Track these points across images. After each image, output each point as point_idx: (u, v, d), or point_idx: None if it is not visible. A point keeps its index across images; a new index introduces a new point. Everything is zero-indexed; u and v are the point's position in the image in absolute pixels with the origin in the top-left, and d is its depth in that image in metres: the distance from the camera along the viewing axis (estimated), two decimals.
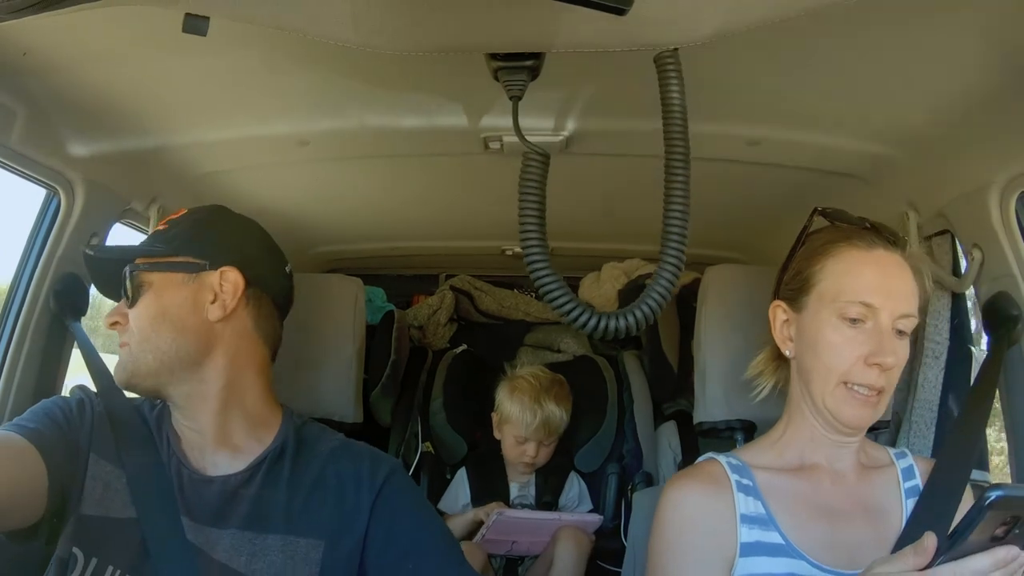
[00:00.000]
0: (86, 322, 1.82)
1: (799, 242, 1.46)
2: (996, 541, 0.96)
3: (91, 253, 1.47)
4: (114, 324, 1.37)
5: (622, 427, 2.70)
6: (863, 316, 1.30)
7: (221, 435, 1.37)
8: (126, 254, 1.41)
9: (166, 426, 1.39)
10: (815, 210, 1.47)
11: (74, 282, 1.81)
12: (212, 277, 1.40)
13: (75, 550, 1.24)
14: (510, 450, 2.57)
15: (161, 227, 1.44)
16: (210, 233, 1.45)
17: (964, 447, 1.47)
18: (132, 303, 1.36)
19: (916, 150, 1.73)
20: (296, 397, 1.49)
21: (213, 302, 1.38)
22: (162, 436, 1.38)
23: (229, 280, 1.40)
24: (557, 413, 2.53)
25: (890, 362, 1.28)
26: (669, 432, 2.49)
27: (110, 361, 1.62)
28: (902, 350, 1.31)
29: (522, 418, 2.50)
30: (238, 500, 1.32)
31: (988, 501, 0.90)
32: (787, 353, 1.42)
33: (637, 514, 1.64)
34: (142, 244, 1.44)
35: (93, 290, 1.89)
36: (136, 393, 1.38)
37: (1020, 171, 1.57)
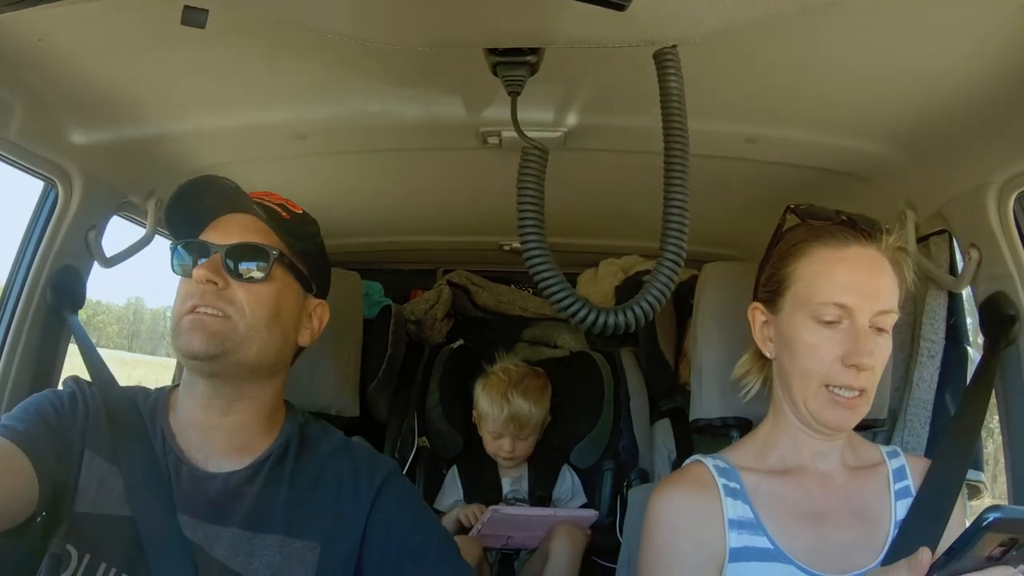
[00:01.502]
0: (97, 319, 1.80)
1: (773, 242, 1.46)
2: (992, 561, 0.95)
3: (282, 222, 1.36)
4: (210, 281, 1.27)
5: (618, 423, 2.70)
6: (838, 317, 1.29)
7: (234, 437, 1.34)
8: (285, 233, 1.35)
9: (160, 418, 1.35)
10: (787, 208, 1.46)
11: (71, 275, 1.81)
12: (313, 304, 1.43)
13: (68, 547, 1.22)
14: (488, 445, 2.58)
15: (285, 216, 1.38)
16: (326, 264, 1.48)
17: (959, 450, 1.47)
18: (249, 281, 1.30)
19: (914, 149, 1.73)
20: (293, 390, 1.49)
21: (305, 328, 1.42)
22: (156, 429, 1.34)
23: (321, 316, 1.45)
24: (525, 407, 2.53)
25: (867, 362, 1.27)
26: (663, 430, 2.49)
27: (106, 356, 1.61)
28: (881, 349, 1.30)
29: (490, 412, 2.52)
30: (240, 498, 1.30)
31: (986, 523, 0.90)
32: (767, 354, 1.41)
33: (632, 510, 1.65)
34: (284, 231, 1.35)
35: (89, 284, 1.89)
36: (208, 363, 1.27)
37: (1018, 171, 1.57)
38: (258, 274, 1.31)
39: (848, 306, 1.28)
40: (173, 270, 1.34)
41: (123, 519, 1.25)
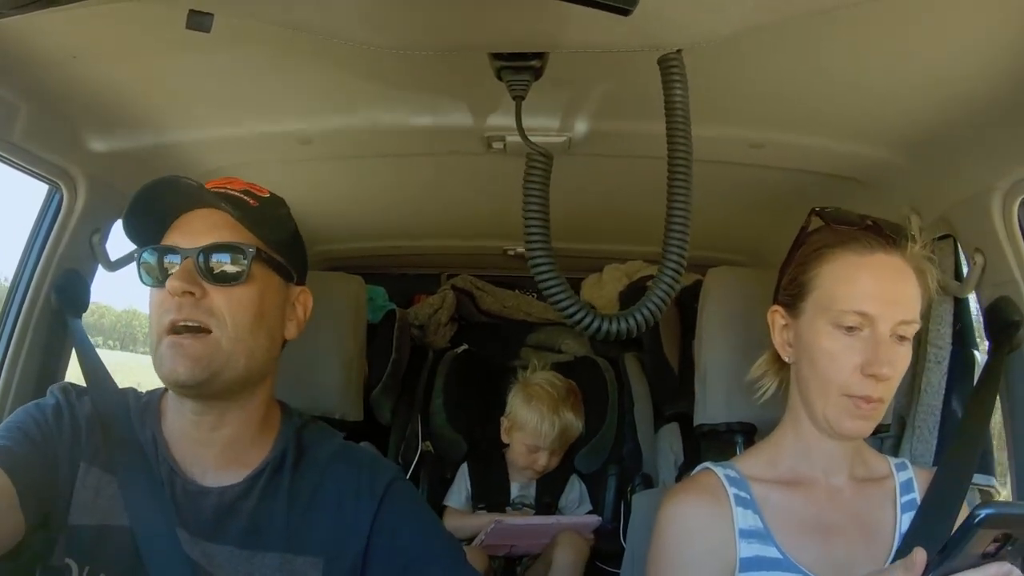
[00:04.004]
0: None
1: (796, 244, 1.44)
2: (987, 558, 0.95)
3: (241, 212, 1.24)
4: (187, 294, 1.18)
5: (622, 429, 2.70)
6: (859, 324, 1.27)
7: (228, 449, 1.29)
8: (261, 231, 1.25)
9: (151, 424, 1.30)
10: (812, 211, 1.44)
11: (75, 279, 1.81)
12: (295, 293, 1.36)
13: (68, 560, 1.19)
14: (520, 457, 2.55)
15: (253, 204, 1.28)
16: (301, 246, 1.40)
17: (962, 459, 1.46)
18: (227, 284, 1.22)
19: (919, 154, 1.73)
20: (296, 395, 1.48)
21: (290, 320, 1.34)
22: (148, 436, 1.28)
23: (305, 304, 1.37)
24: (575, 423, 2.53)
25: (886, 372, 1.25)
26: (670, 434, 2.48)
27: (107, 359, 1.61)
28: (901, 358, 1.29)
29: (540, 428, 2.49)
30: (235, 514, 1.25)
31: (977, 519, 0.90)
32: (786, 358, 1.39)
33: (636, 516, 1.64)
34: (256, 223, 1.25)
35: (93, 288, 1.89)
36: (196, 388, 1.21)
37: (1023, 176, 1.56)
38: (236, 275, 1.22)
39: (870, 314, 1.27)
40: (142, 280, 1.25)
41: (122, 529, 1.21)
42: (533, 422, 2.50)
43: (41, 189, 1.79)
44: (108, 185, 1.85)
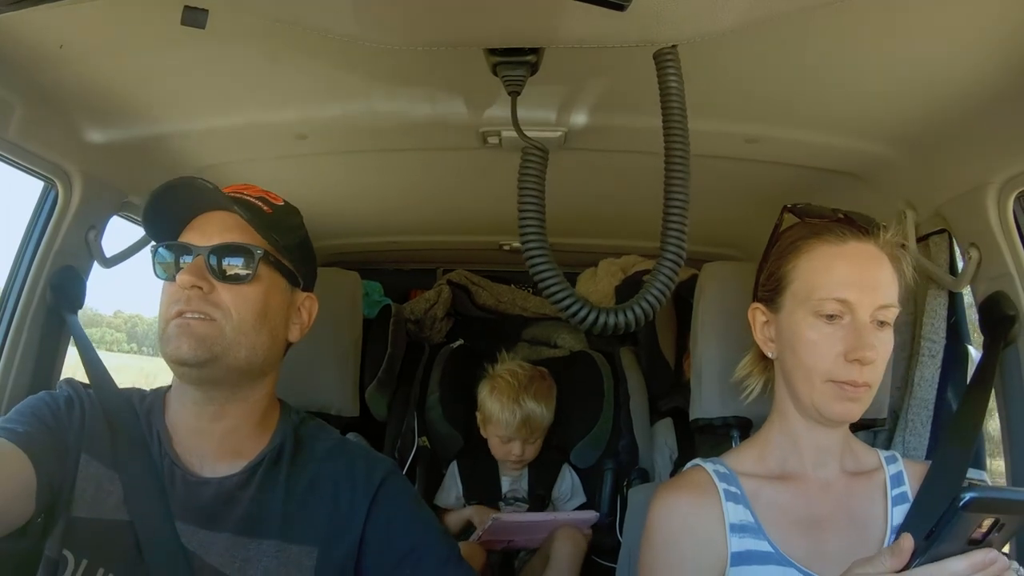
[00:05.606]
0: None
1: (772, 242, 1.45)
2: (974, 544, 0.96)
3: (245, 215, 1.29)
4: (194, 287, 1.24)
5: (618, 423, 2.69)
6: (839, 312, 1.29)
7: (227, 441, 1.33)
8: (267, 231, 1.31)
9: (156, 421, 1.34)
10: (784, 208, 1.45)
11: (71, 275, 1.81)
12: (300, 298, 1.41)
13: (65, 552, 1.21)
14: (496, 449, 2.56)
15: (267, 210, 1.35)
16: (311, 254, 1.45)
17: (957, 454, 1.46)
18: (234, 282, 1.28)
19: (914, 149, 1.73)
20: (292, 391, 1.48)
21: (294, 323, 1.39)
22: (152, 432, 1.32)
23: (311, 310, 1.42)
24: (538, 411, 2.51)
25: (870, 356, 1.26)
26: (665, 429, 2.48)
27: (105, 357, 1.61)
28: (883, 342, 1.30)
29: (502, 417, 2.49)
30: (234, 503, 1.29)
31: (962, 503, 0.91)
32: (769, 354, 1.41)
33: (632, 510, 1.65)
34: (267, 227, 1.31)
35: (89, 284, 1.89)
36: (198, 369, 1.25)
37: (1018, 171, 1.57)
38: (243, 274, 1.28)
39: (849, 301, 1.28)
40: (156, 274, 1.32)
41: (121, 524, 1.24)
42: (496, 412, 2.50)
43: (36, 185, 1.79)
44: (104, 181, 1.84)
